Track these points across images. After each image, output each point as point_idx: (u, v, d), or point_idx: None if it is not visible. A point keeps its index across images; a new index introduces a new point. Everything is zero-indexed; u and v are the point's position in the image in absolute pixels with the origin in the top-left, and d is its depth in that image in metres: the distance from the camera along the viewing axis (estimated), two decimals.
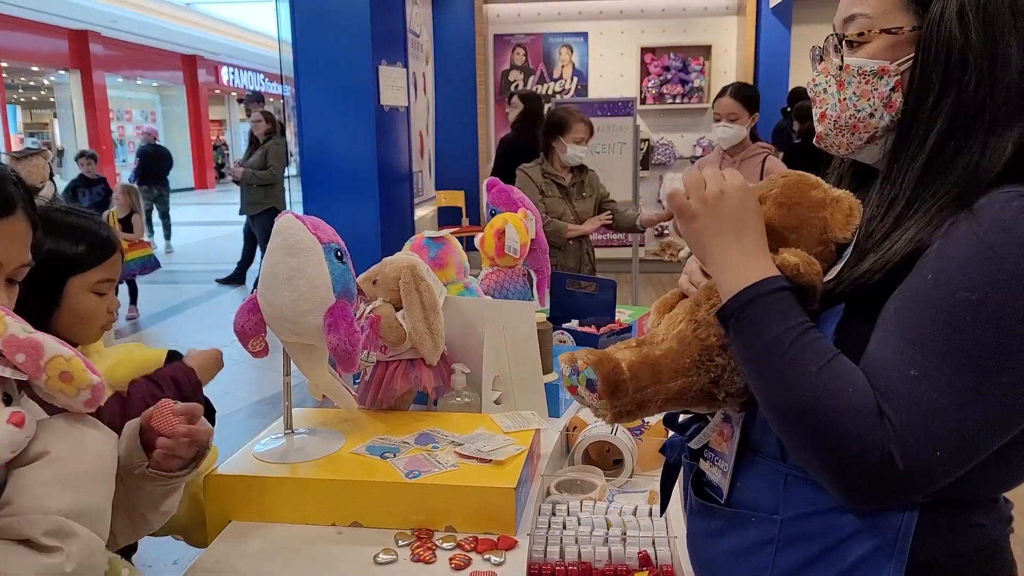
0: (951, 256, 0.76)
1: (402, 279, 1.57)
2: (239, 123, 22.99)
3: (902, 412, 0.75)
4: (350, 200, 4.22)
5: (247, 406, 4.44)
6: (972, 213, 0.77)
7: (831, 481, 0.79)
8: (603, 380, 0.86)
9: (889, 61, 0.86)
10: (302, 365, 1.43)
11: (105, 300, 1.33)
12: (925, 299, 0.77)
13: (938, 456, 0.74)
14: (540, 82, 5.59)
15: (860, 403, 0.76)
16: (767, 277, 0.83)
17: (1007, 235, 0.74)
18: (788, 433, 0.82)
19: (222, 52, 20.06)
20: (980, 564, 0.86)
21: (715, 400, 0.89)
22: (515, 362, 1.67)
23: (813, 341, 0.80)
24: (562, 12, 5.55)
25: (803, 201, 0.90)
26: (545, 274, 2.21)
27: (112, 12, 14.27)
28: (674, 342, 0.90)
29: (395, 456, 1.36)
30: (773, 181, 0.94)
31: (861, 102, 0.89)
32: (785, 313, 0.81)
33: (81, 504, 0.85)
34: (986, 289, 0.74)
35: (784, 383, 0.79)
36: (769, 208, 0.91)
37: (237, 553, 1.23)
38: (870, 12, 0.87)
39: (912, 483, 0.76)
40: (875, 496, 0.77)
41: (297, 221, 1.34)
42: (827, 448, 0.77)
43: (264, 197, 7.26)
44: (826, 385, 0.77)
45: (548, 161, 3.66)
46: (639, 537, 1.18)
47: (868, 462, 0.75)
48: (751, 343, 0.82)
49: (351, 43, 4.09)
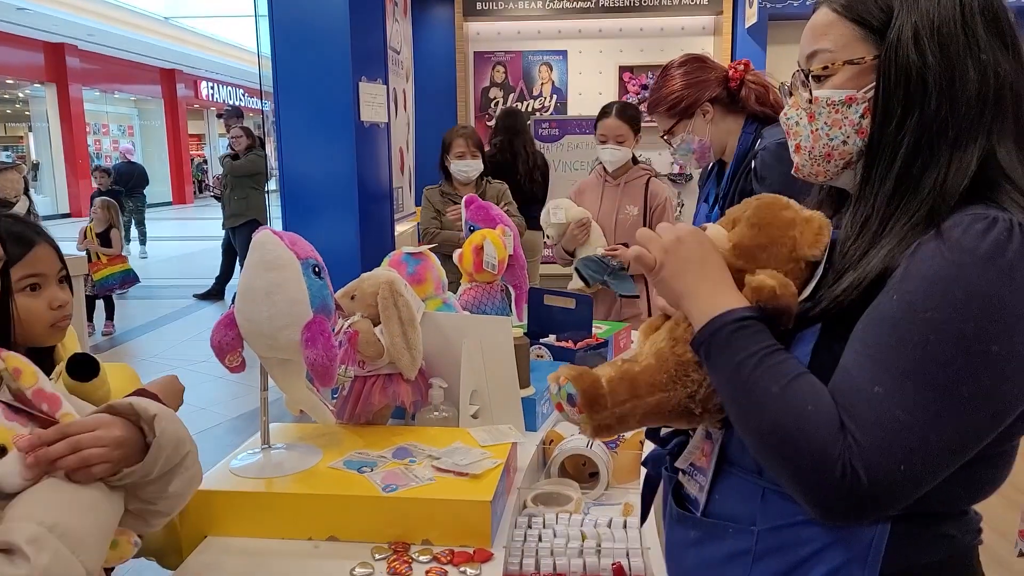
0: (915, 275, 0.79)
1: (380, 294, 1.58)
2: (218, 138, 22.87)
3: (865, 428, 0.77)
4: (330, 216, 4.22)
5: (224, 422, 4.41)
6: (939, 234, 0.79)
7: (805, 500, 0.81)
8: (582, 395, 0.89)
9: (855, 89, 0.89)
10: (279, 380, 1.44)
11: (42, 297, 1.26)
12: (890, 318, 0.79)
13: (902, 471, 0.76)
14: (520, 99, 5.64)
15: (820, 419, 0.78)
16: (731, 308, 0.86)
17: (969, 256, 0.76)
18: (761, 454, 0.84)
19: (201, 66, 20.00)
20: (950, 573, 0.88)
21: (693, 415, 0.92)
22: (492, 377, 1.68)
23: (777, 364, 0.82)
24: (542, 31, 5.60)
25: (774, 221, 0.93)
26: (523, 289, 2.22)
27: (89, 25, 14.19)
28: (652, 358, 0.93)
29: (372, 470, 1.36)
30: (747, 203, 0.97)
31: (833, 131, 0.92)
32: (749, 339, 0.84)
33: (66, 524, 0.86)
34: (947, 309, 0.76)
35: (751, 404, 0.83)
36: (741, 228, 0.94)
37: (213, 568, 1.22)
38: (831, 47, 0.90)
39: (880, 498, 0.77)
40: (849, 512, 0.79)
41: (275, 237, 1.35)
42: (793, 466, 0.80)
43: (246, 209, 7.27)
44: (787, 404, 0.80)
45: (447, 182, 3.85)
46: (613, 549, 1.20)
47: (831, 476, 0.77)
48: (721, 369, 0.86)
49: (331, 59, 4.09)
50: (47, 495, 0.90)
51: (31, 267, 1.25)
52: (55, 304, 1.28)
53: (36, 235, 1.27)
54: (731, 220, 0.97)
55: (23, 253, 1.24)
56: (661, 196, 3.16)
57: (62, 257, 1.31)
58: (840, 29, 0.90)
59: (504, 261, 2.11)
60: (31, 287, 1.26)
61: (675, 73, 2.22)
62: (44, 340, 1.29)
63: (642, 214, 3.12)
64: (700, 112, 2.20)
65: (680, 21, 5.47)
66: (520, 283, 2.21)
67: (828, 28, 0.91)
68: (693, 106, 2.19)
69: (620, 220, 3.12)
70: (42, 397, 0.97)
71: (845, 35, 0.90)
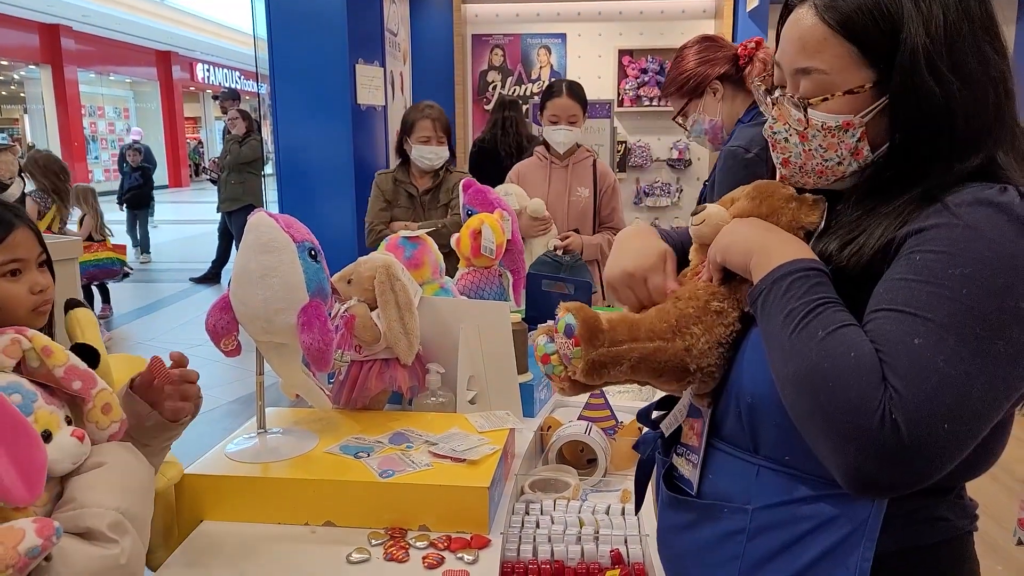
0: (936, 239, 0.78)
1: (377, 278, 1.57)
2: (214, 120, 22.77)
3: (907, 378, 0.73)
4: (326, 199, 4.20)
5: (220, 406, 4.40)
6: (945, 205, 0.80)
7: (835, 454, 0.75)
8: (582, 323, 0.88)
9: (852, 115, 0.86)
10: (275, 364, 1.42)
11: (22, 282, 1.23)
12: (919, 277, 0.77)
13: (945, 429, 0.72)
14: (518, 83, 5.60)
15: (862, 366, 0.74)
16: (797, 258, 0.84)
17: (988, 218, 0.77)
18: (794, 401, 0.79)
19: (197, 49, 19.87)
20: (944, 557, 0.88)
21: (687, 372, 0.91)
22: (490, 362, 1.67)
23: (829, 312, 0.79)
24: (540, 13, 5.55)
25: (773, 194, 0.95)
26: (521, 274, 2.21)
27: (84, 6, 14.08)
28: (653, 311, 0.95)
29: (369, 456, 1.35)
30: (741, 188, 0.99)
31: (828, 153, 0.90)
32: (808, 289, 0.81)
33: (132, 509, 0.96)
34: (977, 265, 0.75)
35: (793, 348, 0.79)
36: (742, 202, 0.96)
37: (209, 553, 1.22)
38: (826, 68, 0.86)
39: (916, 455, 0.72)
40: (881, 470, 0.73)
41: (270, 219, 1.33)
42: (826, 413, 0.75)
43: (243, 194, 7.23)
44: (829, 348, 0.76)
45: (404, 167, 3.24)
46: (611, 535, 1.19)
47: (868, 426, 0.72)
48: (773, 316, 0.82)
49: (328, 41, 4.06)
50: (118, 481, 0.97)
51: (11, 252, 1.22)
52: (36, 289, 1.25)
53: (15, 219, 1.24)
54: (729, 199, 0.99)
55: (2, 237, 1.21)
56: (610, 177, 3.14)
57: (42, 241, 1.29)
58: (835, 48, 0.85)
59: (502, 246, 2.10)
60: (11, 272, 1.23)
61: (687, 53, 2.23)
62: (26, 325, 1.26)
63: (592, 195, 3.08)
64: (710, 90, 2.19)
65: (680, 4, 5.42)
66: (518, 268, 2.20)
67: (821, 45, 0.85)
68: (702, 84, 2.18)
69: (572, 202, 3.07)
70: (75, 375, 0.99)
71: (841, 56, 0.85)
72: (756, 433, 0.90)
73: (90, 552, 0.89)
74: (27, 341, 0.98)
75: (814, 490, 0.85)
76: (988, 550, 2.71)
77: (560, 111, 3.01)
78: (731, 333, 0.92)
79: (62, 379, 0.99)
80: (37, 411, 0.95)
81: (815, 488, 0.85)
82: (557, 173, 3.10)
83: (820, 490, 0.85)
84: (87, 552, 0.89)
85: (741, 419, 0.91)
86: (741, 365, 0.91)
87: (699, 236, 0.98)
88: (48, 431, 0.95)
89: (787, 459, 0.87)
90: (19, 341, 0.97)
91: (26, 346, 0.98)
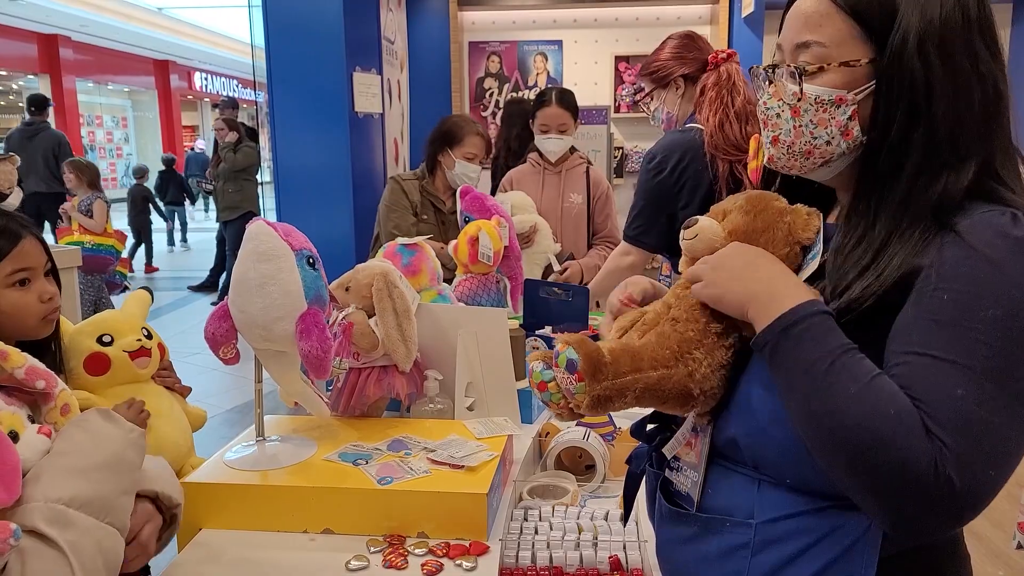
0: (958, 276, 0.78)
1: (375, 286, 1.57)
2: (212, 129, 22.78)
3: (955, 433, 0.73)
4: (324, 207, 4.20)
5: (219, 414, 4.40)
6: (959, 234, 0.79)
7: (886, 510, 0.76)
8: (585, 359, 0.85)
9: (846, 90, 0.87)
10: (274, 372, 1.43)
11: (31, 291, 1.26)
12: (949, 321, 0.77)
13: (991, 475, 0.74)
14: (515, 89, 5.61)
15: (904, 421, 0.74)
16: (799, 304, 0.82)
17: (1005, 251, 0.77)
18: (831, 462, 0.79)
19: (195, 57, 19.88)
20: (942, 555, 0.89)
21: (690, 397, 0.90)
22: (488, 369, 1.68)
23: (853, 362, 0.78)
24: (537, 20, 5.57)
25: (767, 208, 0.94)
26: (518, 281, 2.22)
27: (82, 16, 14.10)
28: (653, 336, 0.92)
29: (367, 463, 1.36)
30: (734, 198, 0.98)
31: (818, 130, 0.89)
32: (824, 337, 0.80)
33: (84, 493, 0.92)
34: (1004, 303, 0.75)
35: (825, 409, 0.77)
36: (736, 216, 0.95)
37: (208, 561, 1.22)
38: (825, 41, 0.87)
39: (970, 506, 0.74)
40: (940, 523, 0.76)
41: (268, 228, 1.34)
42: (875, 474, 0.75)
43: (241, 201, 7.21)
44: (867, 405, 0.75)
45: (430, 178, 3.04)
46: (610, 542, 1.19)
47: (923, 485, 0.73)
48: (791, 368, 0.81)
49: (325, 49, 4.07)
50: (52, 470, 0.94)
51: (19, 261, 1.25)
52: (45, 297, 1.28)
53: (22, 228, 1.26)
54: (721, 211, 0.97)
55: (10, 248, 1.23)
56: (603, 184, 3.15)
57: (48, 249, 1.31)
58: (836, 23, 0.86)
59: (499, 252, 2.10)
60: (20, 282, 1.25)
61: (667, 44, 2.39)
62: (35, 333, 1.28)
63: (586, 202, 3.09)
64: (673, 85, 2.35)
65: (676, 10, 5.44)
66: (515, 274, 2.20)
67: (823, 19, 0.87)
68: (667, 77, 2.35)
69: (565, 209, 3.08)
70: (36, 375, 0.99)
71: (841, 31, 0.86)
72: (756, 459, 0.89)
73: (43, 553, 0.87)
74: None
75: (817, 502, 0.85)
76: (989, 555, 2.71)
77: (550, 120, 3.01)
78: (732, 354, 0.91)
79: (24, 380, 0.99)
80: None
81: (818, 500, 0.85)
82: (550, 180, 3.11)
83: (823, 502, 0.84)
84: (40, 552, 0.87)
85: (738, 445, 0.91)
86: (740, 396, 0.90)
87: (691, 251, 0.96)
88: (14, 431, 0.95)
89: (788, 482, 0.87)
90: None
91: None
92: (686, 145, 2.25)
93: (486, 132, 3.07)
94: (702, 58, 2.30)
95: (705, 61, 2.28)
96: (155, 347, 1.51)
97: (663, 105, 2.37)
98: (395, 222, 2.93)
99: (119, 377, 1.45)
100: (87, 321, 1.49)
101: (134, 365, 1.45)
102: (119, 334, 1.46)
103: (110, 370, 1.43)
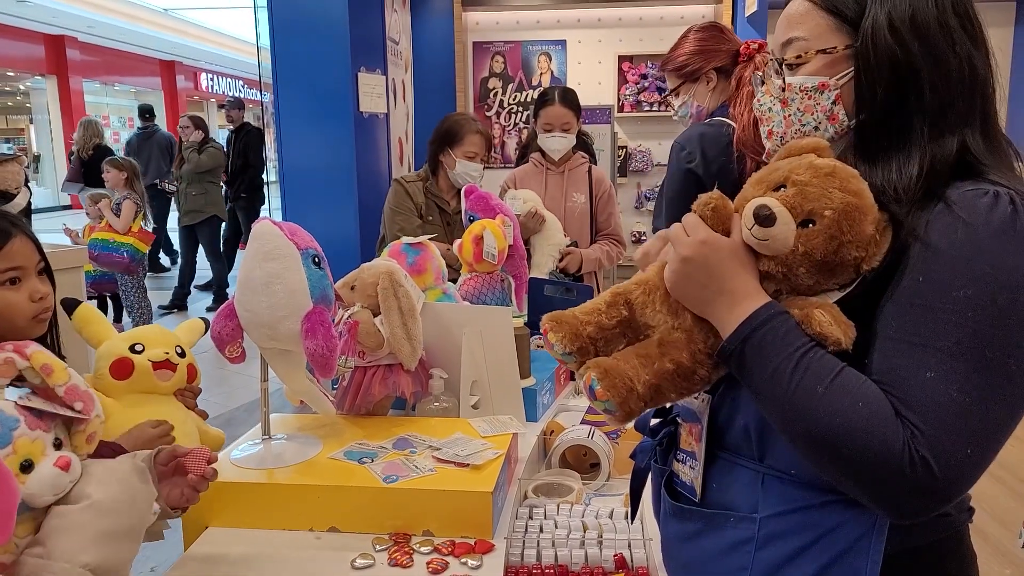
0: (936, 256, 0.79)
1: (380, 284, 1.57)
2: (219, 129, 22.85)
3: (926, 415, 0.75)
4: (329, 206, 4.21)
5: (225, 412, 4.41)
6: (948, 205, 0.80)
7: (874, 500, 0.78)
8: (620, 407, 0.87)
9: (828, 77, 0.91)
10: (280, 371, 1.43)
11: (22, 290, 1.24)
12: (921, 302, 0.78)
13: (969, 454, 0.75)
14: (519, 89, 5.62)
15: (875, 413, 0.76)
16: (753, 312, 0.83)
17: (984, 230, 0.78)
18: (815, 460, 0.81)
19: (201, 58, 19.94)
20: (948, 552, 0.90)
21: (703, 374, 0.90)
22: (493, 367, 1.68)
23: (814, 362, 0.80)
24: (540, 20, 5.58)
25: (855, 240, 0.82)
26: (523, 280, 2.22)
27: (89, 17, 14.16)
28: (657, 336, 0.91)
29: (373, 461, 1.36)
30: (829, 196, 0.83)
31: (805, 117, 0.94)
32: (783, 340, 0.81)
33: (109, 561, 0.89)
34: (977, 284, 0.76)
35: (796, 411, 0.79)
36: (817, 236, 0.82)
37: (214, 559, 1.22)
38: (806, 35, 0.92)
39: (951, 486, 0.75)
40: (923, 506, 0.77)
41: (274, 227, 1.34)
42: (855, 468, 0.77)
43: (205, 204, 7.00)
44: (834, 404, 0.77)
45: (434, 179, 3.01)
46: (615, 540, 1.20)
47: (900, 471, 0.74)
48: (756, 376, 0.82)
49: (330, 50, 4.08)
50: (97, 526, 0.89)
51: (9, 260, 1.23)
52: (36, 296, 1.26)
53: (12, 227, 1.24)
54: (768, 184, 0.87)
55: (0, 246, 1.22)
56: (606, 184, 3.15)
57: (40, 248, 1.29)
58: (815, 19, 0.92)
59: (504, 251, 2.10)
60: (10, 281, 1.24)
61: (691, 37, 2.31)
62: (26, 333, 1.26)
63: (588, 202, 3.10)
64: (704, 79, 2.27)
65: (680, 10, 5.44)
66: (520, 273, 2.21)
67: (803, 18, 0.93)
68: (698, 72, 2.27)
69: (568, 208, 3.08)
70: (76, 395, 0.94)
71: (820, 25, 0.91)
72: (764, 445, 0.90)
73: None
74: (22, 360, 0.92)
75: (822, 496, 0.85)
76: (995, 553, 2.70)
77: (553, 119, 3.01)
78: None
79: (63, 398, 0.93)
80: (17, 440, 0.88)
81: (823, 494, 0.85)
82: (553, 179, 3.11)
83: (827, 496, 0.85)
84: None
85: (748, 432, 0.91)
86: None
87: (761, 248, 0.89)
88: (29, 460, 0.88)
89: (793, 472, 0.87)
90: (12, 361, 0.91)
91: (22, 365, 0.92)
92: (716, 137, 2.21)
93: (487, 129, 3.05)
94: (733, 49, 2.24)
95: (736, 52, 2.22)
96: (184, 365, 1.50)
97: (693, 99, 2.31)
98: (400, 225, 2.92)
99: (139, 385, 1.45)
100: (130, 330, 1.53)
101: (155, 376, 1.46)
102: (151, 345, 1.47)
103: (132, 376, 1.44)
